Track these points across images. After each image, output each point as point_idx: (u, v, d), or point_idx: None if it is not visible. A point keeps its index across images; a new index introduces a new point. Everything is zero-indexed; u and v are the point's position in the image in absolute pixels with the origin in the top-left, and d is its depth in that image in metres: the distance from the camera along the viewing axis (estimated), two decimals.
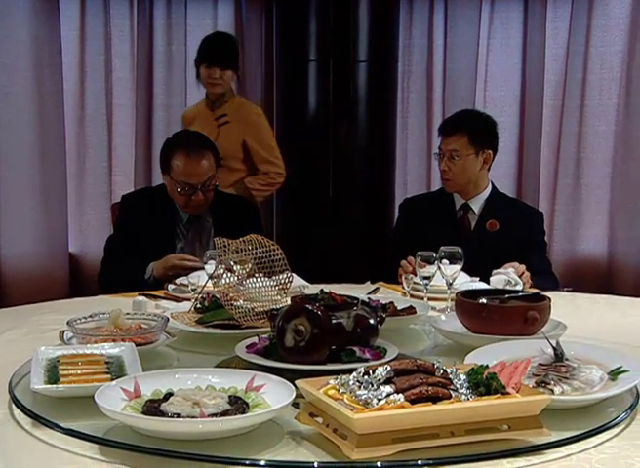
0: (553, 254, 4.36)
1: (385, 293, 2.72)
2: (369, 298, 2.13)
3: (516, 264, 2.76)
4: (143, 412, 1.39)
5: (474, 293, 2.11)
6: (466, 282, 2.53)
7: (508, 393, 1.39)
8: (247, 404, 1.43)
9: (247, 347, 1.80)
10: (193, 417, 1.36)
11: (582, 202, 4.37)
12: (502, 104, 4.46)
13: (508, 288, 2.55)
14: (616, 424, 1.46)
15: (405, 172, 4.52)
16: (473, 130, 3.15)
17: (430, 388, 1.36)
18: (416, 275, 2.53)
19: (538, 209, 3.63)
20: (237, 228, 2.83)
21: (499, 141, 3.28)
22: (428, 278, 2.45)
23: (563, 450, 1.36)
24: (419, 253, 2.47)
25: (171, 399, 1.42)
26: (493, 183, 3.27)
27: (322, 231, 4.18)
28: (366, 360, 1.70)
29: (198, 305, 2.21)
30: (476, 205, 3.19)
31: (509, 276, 2.61)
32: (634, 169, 4.27)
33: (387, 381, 1.37)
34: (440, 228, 3.07)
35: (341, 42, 4.09)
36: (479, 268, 2.62)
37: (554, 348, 1.71)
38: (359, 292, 2.61)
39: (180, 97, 4.32)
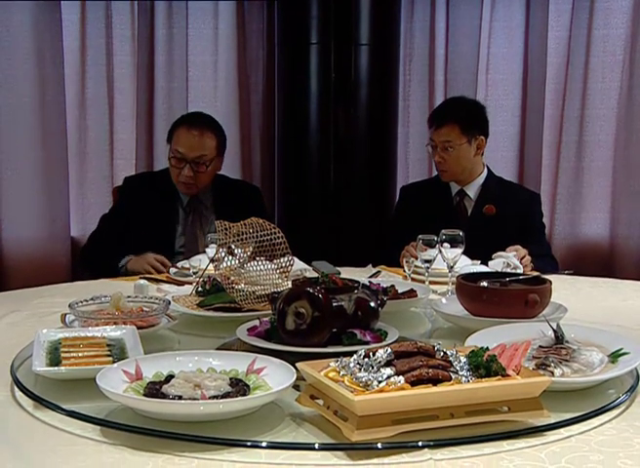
0: (555, 238, 4.36)
1: (387, 277, 2.73)
2: (370, 282, 2.14)
3: (519, 247, 2.76)
4: (145, 394, 1.40)
5: (475, 277, 2.12)
6: (467, 265, 2.54)
7: (508, 375, 1.39)
8: (248, 386, 1.43)
9: (248, 330, 1.81)
10: (194, 399, 1.36)
11: (584, 185, 4.35)
12: (504, 87, 4.44)
13: (507, 271, 2.55)
14: (616, 406, 1.47)
15: (406, 155, 4.51)
16: (463, 118, 3.17)
17: (430, 370, 1.36)
18: (417, 259, 2.54)
19: (535, 191, 3.63)
20: (239, 213, 2.84)
21: (490, 126, 3.29)
22: (429, 261, 2.46)
23: (563, 432, 1.36)
24: (420, 236, 2.47)
25: (172, 381, 1.42)
26: (488, 168, 3.28)
27: (323, 215, 4.18)
28: (367, 343, 1.70)
29: (199, 289, 2.22)
30: (472, 191, 3.20)
31: (509, 260, 2.61)
32: (636, 152, 4.25)
33: (388, 363, 1.38)
34: (437, 215, 3.09)
35: (343, 25, 4.06)
36: (478, 253, 2.62)
37: (555, 331, 1.72)
38: (360, 275, 2.63)
39: (181, 80, 4.31)
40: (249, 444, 1.29)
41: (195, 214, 3.26)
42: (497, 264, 2.61)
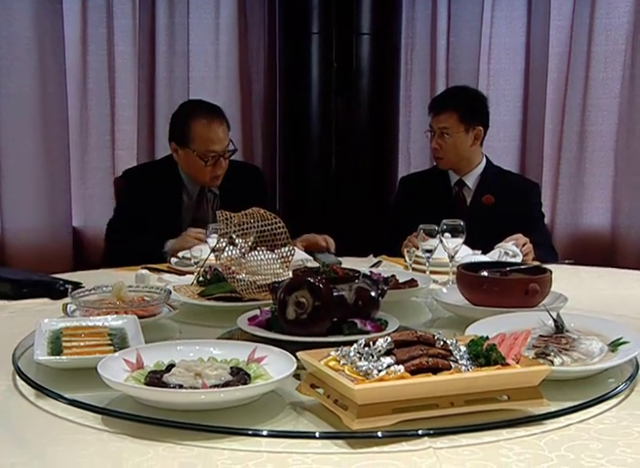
0: (557, 228, 4.36)
1: (388, 267, 2.73)
2: (370, 271, 2.14)
3: (519, 236, 2.77)
4: (146, 384, 1.40)
5: (475, 266, 2.12)
6: (468, 255, 2.54)
7: (508, 364, 1.39)
8: (248, 375, 1.44)
9: (249, 319, 1.81)
10: (195, 388, 1.37)
11: (586, 175, 4.35)
12: (506, 77, 4.43)
13: (505, 260, 2.56)
14: (615, 395, 1.47)
15: (408, 144, 4.51)
16: (462, 107, 3.17)
17: (430, 359, 1.37)
18: (418, 248, 2.54)
19: (534, 180, 3.63)
20: (242, 195, 2.80)
21: (492, 115, 3.30)
22: (430, 251, 2.46)
23: (562, 421, 1.37)
24: (421, 226, 2.48)
25: (173, 370, 1.43)
26: (487, 157, 3.28)
27: (325, 205, 4.18)
28: (367, 332, 1.71)
29: (200, 278, 2.22)
30: (470, 180, 3.21)
31: (506, 248, 2.61)
32: (638, 142, 4.25)
33: (388, 353, 1.38)
34: (436, 205, 3.09)
35: (344, 14, 4.06)
36: (477, 243, 2.62)
37: (555, 320, 1.72)
38: (362, 265, 2.63)
39: (182, 70, 4.30)
40: (250, 432, 1.30)
41: (205, 203, 3.21)
42: (494, 253, 2.62)
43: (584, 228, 4.39)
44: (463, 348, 1.42)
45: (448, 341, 1.43)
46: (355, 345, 1.41)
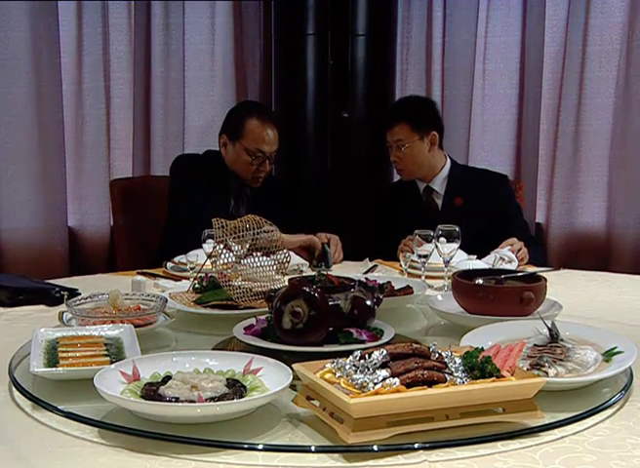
0: (552, 227, 4.36)
1: (383, 271, 2.73)
2: (366, 279, 2.15)
3: (514, 240, 2.78)
4: (142, 396, 1.40)
5: (471, 274, 2.12)
6: (463, 260, 2.54)
7: (503, 376, 1.40)
8: (244, 387, 1.44)
9: (245, 329, 1.82)
10: (191, 401, 1.37)
11: (581, 175, 4.35)
12: (502, 77, 4.43)
13: (499, 265, 2.56)
14: (610, 406, 1.48)
15: None
16: (412, 116, 3.20)
17: (426, 372, 1.37)
18: (413, 253, 2.55)
19: (501, 172, 3.57)
20: (270, 205, 2.80)
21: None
22: (426, 256, 2.47)
23: (557, 433, 1.37)
24: (416, 231, 2.48)
25: (169, 382, 1.43)
26: (452, 159, 3.30)
27: (320, 207, 4.17)
28: (362, 341, 1.71)
29: (196, 285, 2.22)
30: (437, 185, 3.24)
31: (501, 253, 2.62)
32: (633, 141, 4.25)
33: (383, 365, 1.38)
34: (409, 215, 3.12)
35: (340, 15, 4.06)
36: (460, 245, 2.62)
37: (549, 329, 1.73)
38: (357, 269, 2.64)
39: (178, 69, 4.29)
40: (245, 446, 1.31)
41: (241, 203, 3.21)
42: (489, 258, 2.62)
43: (580, 228, 4.39)
44: (459, 360, 1.42)
45: (443, 353, 1.43)
46: (351, 357, 1.42)
